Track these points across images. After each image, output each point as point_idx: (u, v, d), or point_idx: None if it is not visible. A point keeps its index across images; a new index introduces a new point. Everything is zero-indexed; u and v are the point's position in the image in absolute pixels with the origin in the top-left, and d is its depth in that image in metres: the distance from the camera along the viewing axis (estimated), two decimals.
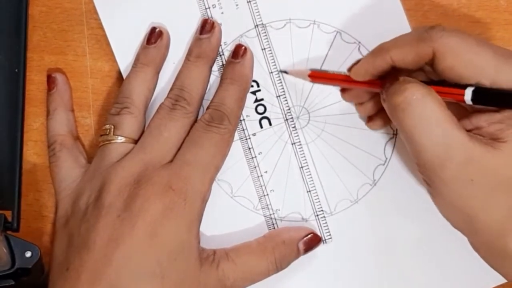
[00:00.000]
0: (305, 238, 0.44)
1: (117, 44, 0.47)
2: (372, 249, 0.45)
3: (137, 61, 0.45)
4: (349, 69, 0.43)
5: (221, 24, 0.46)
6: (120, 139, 0.43)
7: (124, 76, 0.46)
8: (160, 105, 0.44)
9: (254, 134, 0.46)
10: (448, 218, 0.39)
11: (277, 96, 0.46)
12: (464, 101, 0.38)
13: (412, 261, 0.45)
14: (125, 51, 0.46)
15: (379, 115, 0.44)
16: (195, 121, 0.44)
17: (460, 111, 0.40)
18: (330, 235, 0.45)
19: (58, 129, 0.46)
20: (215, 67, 0.46)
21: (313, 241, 0.44)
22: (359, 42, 0.46)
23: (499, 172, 0.37)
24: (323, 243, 0.45)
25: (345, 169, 0.46)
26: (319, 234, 0.45)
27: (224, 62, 0.46)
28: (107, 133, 0.44)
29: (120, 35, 0.47)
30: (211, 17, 0.46)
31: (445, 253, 0.45)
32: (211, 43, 0.45)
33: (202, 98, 0.45)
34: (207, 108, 0.45)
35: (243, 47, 0.46)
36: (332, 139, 0.46)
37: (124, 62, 0.46)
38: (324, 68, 0.46)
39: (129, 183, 0.42)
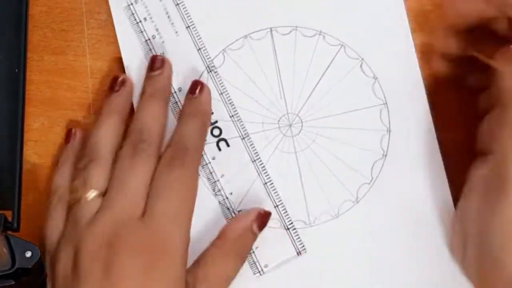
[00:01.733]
0: (255, 219, 0.43)
1: (124, 39, 0.47)
2: (357, 263, 0.44)
3: (103, 110, 0.45)
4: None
5: (163, 53, 0.46)
6: (90, 195, 0.42)
7: (127, 71, 0.46)
8: (120, 154, 0.42)
9: (213, 158, 0.45)
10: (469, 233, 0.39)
11: (230, 116, 0.46)
12: None
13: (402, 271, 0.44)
14: (131, 44, 0.46)
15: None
16: (159, 161, 0.43)
17: None
18: (303, 247, 0.44)
19: (60, 181, 0.44)
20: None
21: (264, 217, 0.43)
22: (362, 59, 0.46)
23: None
24: (298, 254, 0.44)
25: (329, 183, 0.45)
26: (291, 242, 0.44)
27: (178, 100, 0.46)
28: (76, 190, 0.42)
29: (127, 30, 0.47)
30: (152, 48, 0.46)
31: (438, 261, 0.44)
32: (163, 79, 0.45)
33: (162, 136, 0.44)
34: (167, 146, 0.43)
35: (200, 83, 0.45)
36: (318, 154, 0.45)
37: (129, 56, 0.46)
38: (322, 82, 0.46)
39: (101, 245, 0.39)
